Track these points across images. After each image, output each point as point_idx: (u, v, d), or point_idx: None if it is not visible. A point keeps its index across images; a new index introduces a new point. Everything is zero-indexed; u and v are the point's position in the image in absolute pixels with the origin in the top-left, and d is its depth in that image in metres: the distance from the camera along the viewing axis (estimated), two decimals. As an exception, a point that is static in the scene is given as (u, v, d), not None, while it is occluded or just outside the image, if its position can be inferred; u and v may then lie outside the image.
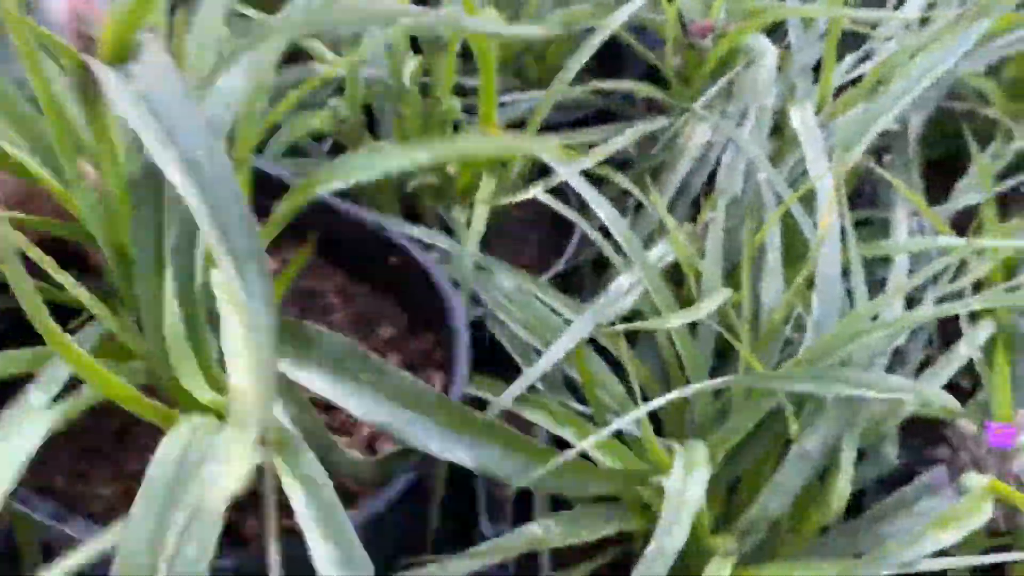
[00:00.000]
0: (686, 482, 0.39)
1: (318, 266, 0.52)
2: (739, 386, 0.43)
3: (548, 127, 0.64)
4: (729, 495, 0.47)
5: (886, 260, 0.50)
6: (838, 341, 0.42)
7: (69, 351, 0.30)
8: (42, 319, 0.29)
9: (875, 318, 0.44)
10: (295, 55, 0.61)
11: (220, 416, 0.31)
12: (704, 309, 0.45)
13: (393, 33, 0.55)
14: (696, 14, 0.67)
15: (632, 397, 0.45)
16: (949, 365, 0.46)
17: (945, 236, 0.49)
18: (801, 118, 0.51)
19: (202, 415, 0.31)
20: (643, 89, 0.64)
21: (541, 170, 0.56)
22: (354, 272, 0.52)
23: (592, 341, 0.47)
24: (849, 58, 0.62)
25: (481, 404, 0.44)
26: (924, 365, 0.49)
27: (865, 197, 0.59)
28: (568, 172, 0.49)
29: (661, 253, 0.50)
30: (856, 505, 0.45)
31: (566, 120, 0.69)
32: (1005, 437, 0.41)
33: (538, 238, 0.67)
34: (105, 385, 0.31)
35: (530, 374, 0.46)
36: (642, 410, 0.40)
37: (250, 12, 0.56)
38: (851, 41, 0.67)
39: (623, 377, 0.48)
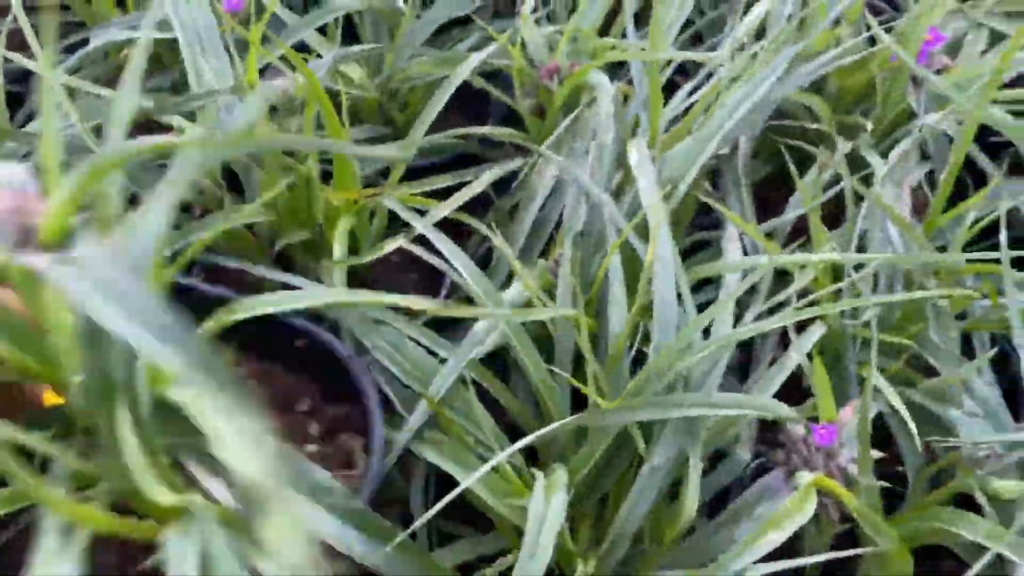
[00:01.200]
0: (546, 505, 0.42)
1: (234, 352, 0.54)
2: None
3: (416, 172, 0.67)
4: (600, 513, 0.50)
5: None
6: (672, 359, 0.45)
7: (57, 503, 0.32)
8: (22, 478, 0.31)
9: (708, 334, 0.48)
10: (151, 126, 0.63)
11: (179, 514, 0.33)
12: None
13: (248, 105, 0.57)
14: (544, 56, 0.71)
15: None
16: (782, 372, 0.50)
17: (769, 252, 0.53)
18: (637, 152, 0.55)
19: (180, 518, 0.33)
20: (500, 132, 0.67)
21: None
22: (265, 355, 0.54)
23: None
24: (688, 86, 0.66)
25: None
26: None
27: (711, 219, 0.63)
28: (422, 224, 0.52)
29: (516, 293, 0.52)
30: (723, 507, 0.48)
31: (437, 163, 0.71)
32: (828, 436, 0.45)
33: (417, 278, 0.69)
34: (96, 522, 0.33)
35: (412, 421, 0.49)
36: (506, 452, 0.43)
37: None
38: (693, 69, 0.72)
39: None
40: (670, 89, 0.66)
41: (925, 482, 0.51)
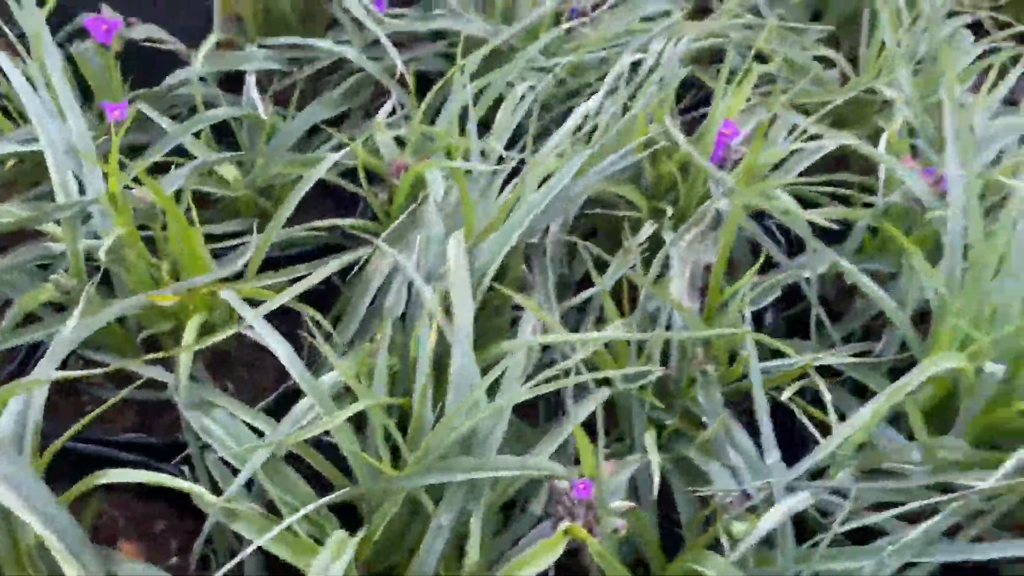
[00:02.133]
0: (329, 564, 0.49)
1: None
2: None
3: (282, 262, 0.75)
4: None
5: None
6: (458, 420, 0.53)
7: None
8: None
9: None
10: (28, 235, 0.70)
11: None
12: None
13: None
14: (395, 154, 0.80)
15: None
16: (560, 435, 0.58)
17: (552, 330, 0.61)
18: (454, 244, 0.64)
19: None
20: (347, 224, 0.75)
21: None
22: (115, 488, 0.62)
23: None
24: (514, 181, 0.75)
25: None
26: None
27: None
28: (252, 315, 0.60)
29: (334, 376, 0.60)
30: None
31: (303, 253, 0.79)
32: (586, 490, 0.53)
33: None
34: None
35: (229, 491, 0.55)
36: (294, 517, 0.50)
37: None
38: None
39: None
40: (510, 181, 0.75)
41: (698, 527, 0.59)
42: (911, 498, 0.54)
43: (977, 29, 1.08)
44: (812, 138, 0.84)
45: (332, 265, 0.68)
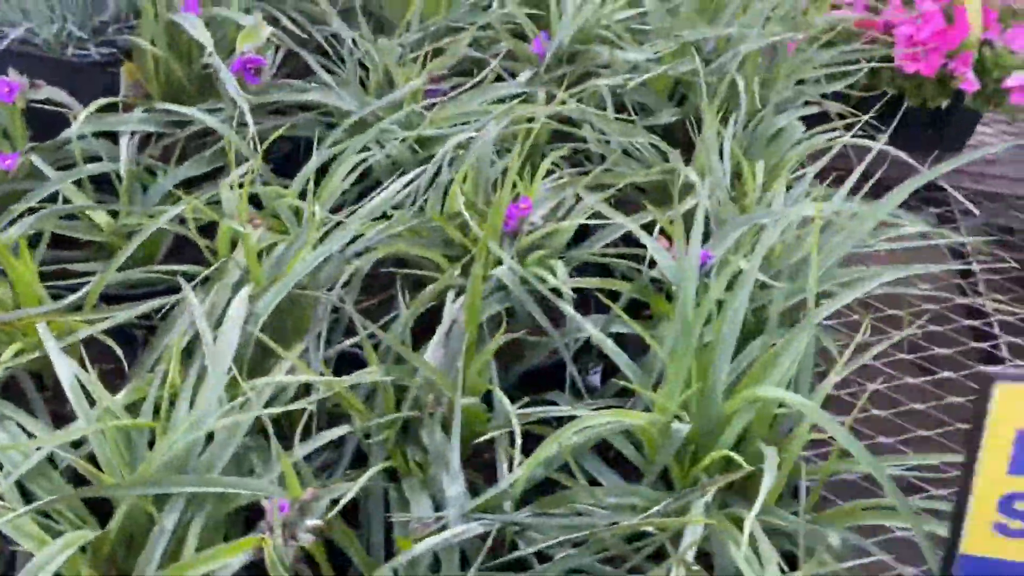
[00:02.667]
0: (55, 557, 0.59)
1: None
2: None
3: (123, 299, 0.86)
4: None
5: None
6: (178, 441, 0.63)
7: None
8: None
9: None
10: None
11: None
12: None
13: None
14: (234, 211, 0.91)
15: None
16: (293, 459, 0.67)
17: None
18: (240, 295, 0.74)
19: None
20: (167, 269, 0.86)
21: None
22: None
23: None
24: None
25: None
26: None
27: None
28: (52, 344, 0.70)
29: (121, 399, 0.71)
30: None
31: (146, 292, 0.90)
32: (284, 508, 0.62)
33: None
34: None
35: None
36: (11, 516, 0.60)
37: None
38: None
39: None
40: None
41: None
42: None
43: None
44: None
45: (144, 306, 0.79)
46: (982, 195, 1.62)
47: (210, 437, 0.66)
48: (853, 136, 1.06)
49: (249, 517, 0.67)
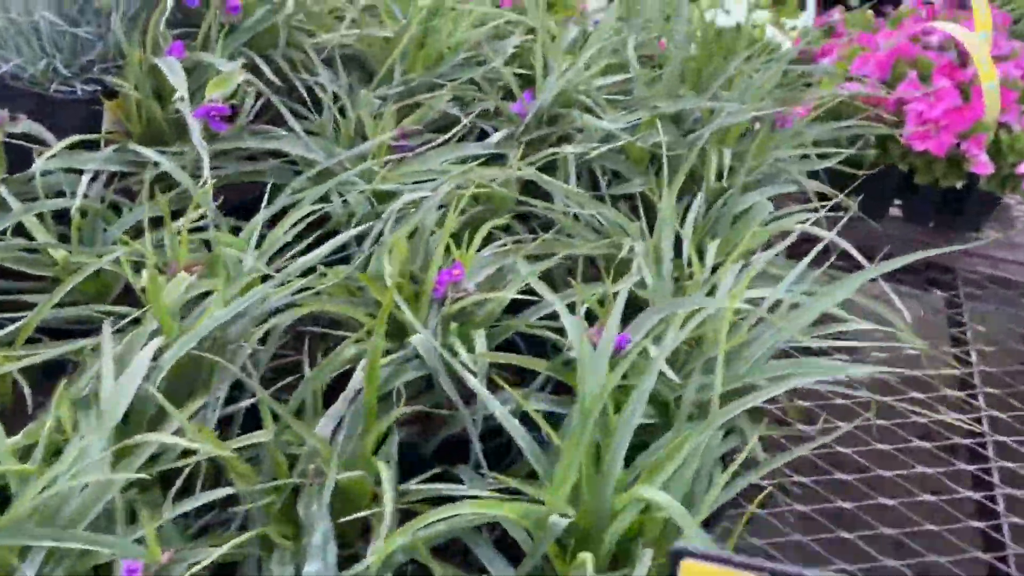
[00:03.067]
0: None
1: None
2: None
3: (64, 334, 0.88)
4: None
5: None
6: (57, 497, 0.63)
7: None
8: None
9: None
10: None
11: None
12: None
13: None
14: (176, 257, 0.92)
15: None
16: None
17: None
18: (149, 346, 0.75)
19: None
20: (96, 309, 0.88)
21: None
22: None
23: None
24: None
25: None
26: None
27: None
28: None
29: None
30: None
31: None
32: (133, 571, 0.62)
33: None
34: None
35: None
36: None
37: None
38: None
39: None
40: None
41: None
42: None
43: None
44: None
45: (65, 347, 0.80)
46: (995, 281, 1.55)
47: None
48: (835, 214, 1.03)
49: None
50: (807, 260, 0.88)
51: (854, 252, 0.92)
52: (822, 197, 1.12)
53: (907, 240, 1.58)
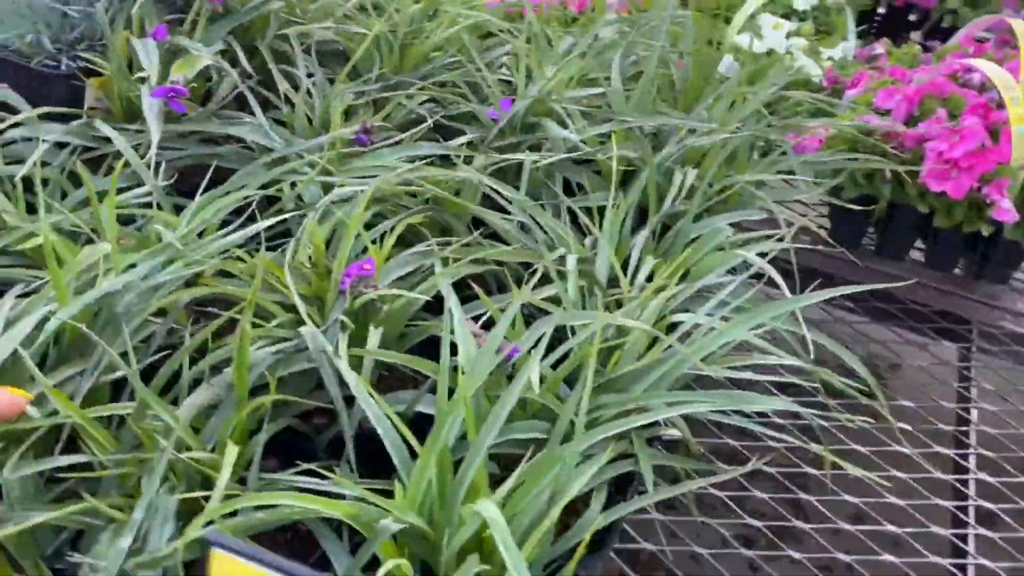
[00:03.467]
0: None
1: None
2: None
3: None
4: None
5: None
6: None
7: None
8: None
9: None
10: None
11: None
12: None
13: None
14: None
15: None
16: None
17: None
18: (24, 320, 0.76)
19: None
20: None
21: None
22: None
23: None
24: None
25: None
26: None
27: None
28: None
29: None
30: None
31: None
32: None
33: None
34: None
35: None
36: None
37: None
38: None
39: None
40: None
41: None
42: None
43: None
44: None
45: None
46: (1015, 337, 1.44)
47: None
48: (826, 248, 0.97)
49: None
50: (736, 282, 0.83)
51: (777, 277, 0.85)
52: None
53: (924, 285, 1.50)
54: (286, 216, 0.92)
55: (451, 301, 0.78)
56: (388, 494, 0.69)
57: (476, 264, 0.90)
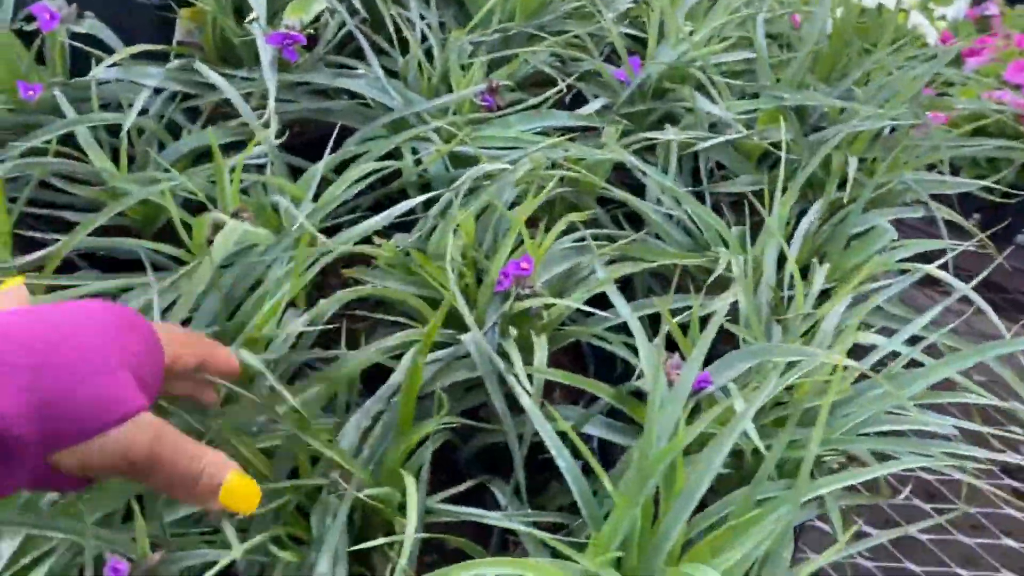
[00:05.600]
0: None
1: None
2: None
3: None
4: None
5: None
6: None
7: None
8: None
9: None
10: None
11: None
12: None
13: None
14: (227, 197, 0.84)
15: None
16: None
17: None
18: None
19: None
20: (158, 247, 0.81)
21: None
22: None
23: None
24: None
25: None
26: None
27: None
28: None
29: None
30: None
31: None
32: (119, 570, 0.55)
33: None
34: None
35: None
36: None
37: None
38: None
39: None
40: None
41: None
42: None
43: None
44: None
45: (102, 283, 0.73)
46: None
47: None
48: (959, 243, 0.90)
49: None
50: (935, 312, 0.75)
51: (995, 319, 0.78)
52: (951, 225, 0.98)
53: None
54: (426, 198, 0.82)
55: (633, 324, 0.70)
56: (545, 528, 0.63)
57: (637, 262, 0.81)
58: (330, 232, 0.80)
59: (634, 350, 0.76)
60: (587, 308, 0.76)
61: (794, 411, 0.63)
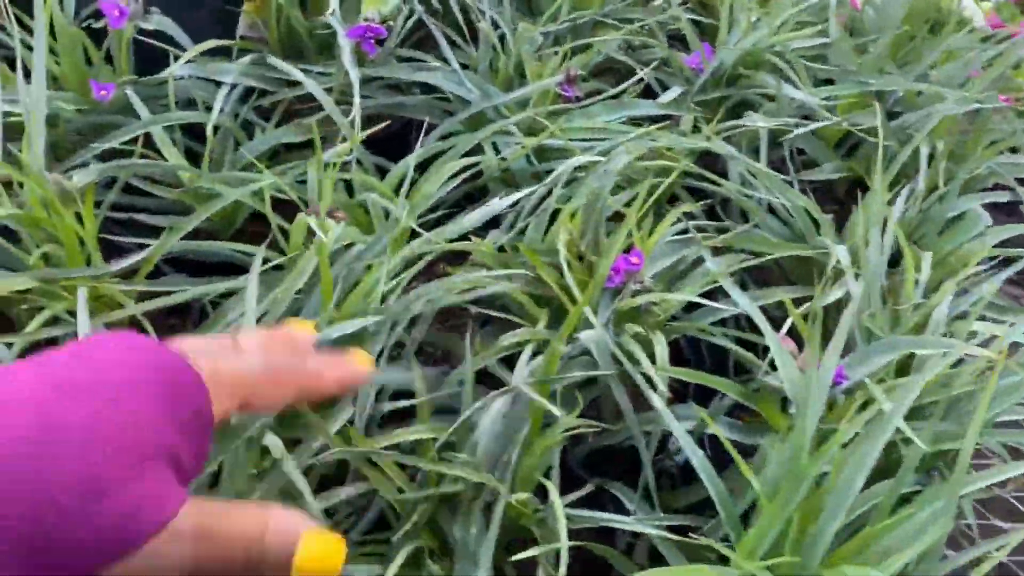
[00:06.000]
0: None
1: None
2: None
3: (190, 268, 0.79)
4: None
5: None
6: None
7: None
8: None
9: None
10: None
11: None
12: None
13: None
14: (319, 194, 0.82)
15: None
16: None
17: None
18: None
19: None
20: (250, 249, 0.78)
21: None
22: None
23: None
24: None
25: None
26: None
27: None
28: (83, 319, 0.63)
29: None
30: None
31: (216, 264, 0.83)
32: None
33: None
34: None
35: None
36: None
37: None
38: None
39: None
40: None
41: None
42: None
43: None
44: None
45: (194, 289, 0.71)
46: None
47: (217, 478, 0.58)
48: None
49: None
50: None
51: None
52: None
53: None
54: (523, 195, 0.80)
55: (758, 318, 0.68)
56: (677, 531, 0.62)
57: (739, 255, 0.80)
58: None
59: (743, 344, 0.74)
60: (700, 300, 0.74)
61: (940, 404, 0.62)
